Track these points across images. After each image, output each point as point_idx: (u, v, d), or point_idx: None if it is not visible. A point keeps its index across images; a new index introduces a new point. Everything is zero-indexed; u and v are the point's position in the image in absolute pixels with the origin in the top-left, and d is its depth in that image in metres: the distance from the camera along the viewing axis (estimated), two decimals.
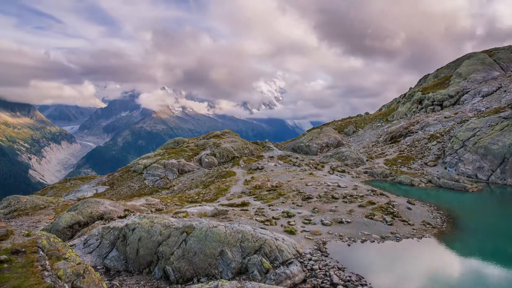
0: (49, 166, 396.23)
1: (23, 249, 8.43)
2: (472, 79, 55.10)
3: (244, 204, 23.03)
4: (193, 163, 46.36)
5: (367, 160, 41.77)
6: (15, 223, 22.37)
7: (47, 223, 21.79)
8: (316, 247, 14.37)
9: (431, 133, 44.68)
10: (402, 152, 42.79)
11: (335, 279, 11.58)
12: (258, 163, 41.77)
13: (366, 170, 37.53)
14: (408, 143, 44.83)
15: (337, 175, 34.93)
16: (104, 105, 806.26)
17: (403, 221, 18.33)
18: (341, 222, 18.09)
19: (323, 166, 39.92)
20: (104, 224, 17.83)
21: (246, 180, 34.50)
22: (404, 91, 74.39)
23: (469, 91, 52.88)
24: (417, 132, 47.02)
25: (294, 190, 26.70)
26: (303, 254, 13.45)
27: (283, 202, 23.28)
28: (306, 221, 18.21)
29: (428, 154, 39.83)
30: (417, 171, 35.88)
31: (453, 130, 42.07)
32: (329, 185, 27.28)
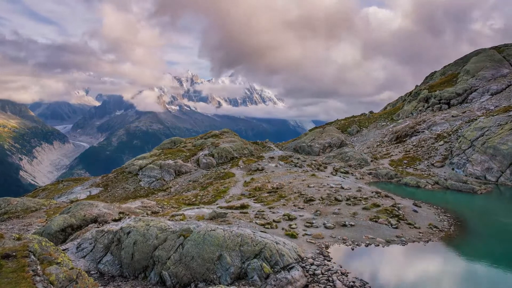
0: (41, 167, 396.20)
1: (14, 253, 8.43)
2: (480, 77, 55.10)
3: (243, 206, 23.03)
4: (190, 164, 46.36)
5: (371, 161, 41.79)
6: (5, 226, 22.37)
7: (38, 226, 21.79)
8: (318, 251, 14.38)
9: (438, 132, 44.69)
10: (408, 153, 42.80)
11: (338, 285, 11.59)
12: (258, 164, 41.77)
13: (371, 171, 37.54)
14: (414, 143, 44.84)
15: (340, 176, 34.94)
16: (98, 104, 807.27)
17: (409, 224, 18.33)
18: (344, 225, 18.09)
19: (325, 167, 39.92)
20: (98, 227, 17.83)
21: (245, 181, 34.50)
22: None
23: (477, 89, 52.89)
24: (423, 131, 47.03)
25: (295, 192, 26.70)
26: (305, 258, 13.45)
27: (284, 205, 23.28)
28: (308, 224, 18.22)
29: (435, 154, 39.84)
30: (423, 172, 35.88)
31: (460, 129, 42.08)
32: (332, 187, 27.29)
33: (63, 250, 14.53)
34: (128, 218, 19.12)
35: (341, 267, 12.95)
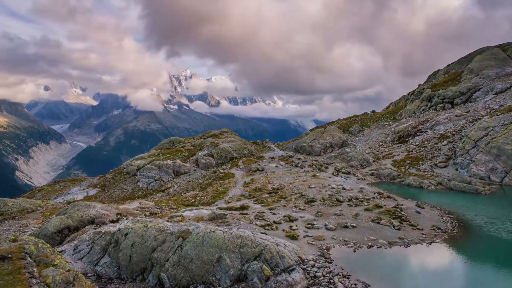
0: (37, 167, 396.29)
1: (10, 255, 8.43)
2: (484, 75, 55.08)
3: (243, 207, 23.03)
4: (189, 164, 46.36)
5: (373, 161, 41.79)
6: (1, 228, 22.37)
7: (35, 227, 21.80)
8: (319, 253, 14.38)
9: (441, 132, 44.68)
10: (410, 153, 42.80)
11: (340, 287, 11.59)
12: (258, 164, 41.78)
13: (373, 171, 37.54)
14: (417, 143, 44.84)
15: (342, 177, 34.94)
16: (95, 103, 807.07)
17: (412, 225, 18.34)
18: (346, 226, 18.09)
19: (327, 168, 39.93)
20: (95, 228, 17.83)
21: (245, 182, 34.52)
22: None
23: (481, 88, 52.87)
24: (426, 131, 47.02)
25: (296, 193, 26.71)
26: (305, 260, 13.45)
27: (284, 206, 23.28)
28: (309, 226, 18.22)
29: (438, 154, 39.83)
30: (426, 173, 35.88)
31: (464, 129, 42.06)
32: (333, 188, 27.29)
33: (60, 252, 14.52)
34: (126, 219, 19.13)
35: (342, 269, 12.95)
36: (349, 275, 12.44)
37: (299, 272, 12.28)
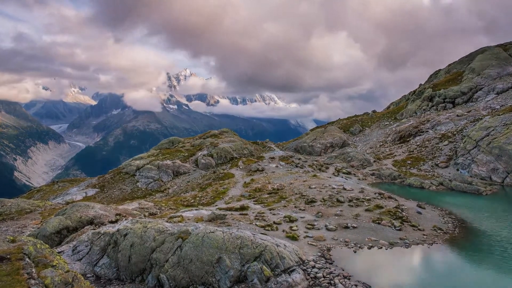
0: (36, 167, 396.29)
1: (8, 256, 8.43)
2: (486, 75, 55.09)
3: (243, 208, 23.04)
4: (189, 165, 46.37)
5: (374, 161, 41.78)
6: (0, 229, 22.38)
7: (33, 228, 21.80)
8: (320, 254, 14.38)
9: (443, 132, 44.69)
10: (411, 153, 42.80)
11: None
12: (258, 164, 41.78)
13: (373, 171, 37.54)
14: (418, 143, 44.83)
15: (342, 177, 34.94)
16: (94, 103, 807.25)
17: (413, 226, 18.34)
18: (346, 227, 18.10)
19: (327, 168, 39.94)
20: (94, 229, 17.84)
21: (245, 182, 34.51)
22: None
23: (483, 87, 52.88)
24: (427, 131, 47.02)
25: (296, 193, 26.71)
26: (306, 261, 13.46)
27: (284, 206, 23.29)
28: (309, 226, 18.23)
29: (439, 154, 39.83)
30: (427, 173, 35.88)
31: (465, 129, 42.06)
32: (333, 188, 27.29)
33: (59, 252, 14.52)
34: (125, 219, 19.15)
35: (343, 270, 12.95)
36: (349, 276, 12.45)
37: (299, 273, 12.29)
